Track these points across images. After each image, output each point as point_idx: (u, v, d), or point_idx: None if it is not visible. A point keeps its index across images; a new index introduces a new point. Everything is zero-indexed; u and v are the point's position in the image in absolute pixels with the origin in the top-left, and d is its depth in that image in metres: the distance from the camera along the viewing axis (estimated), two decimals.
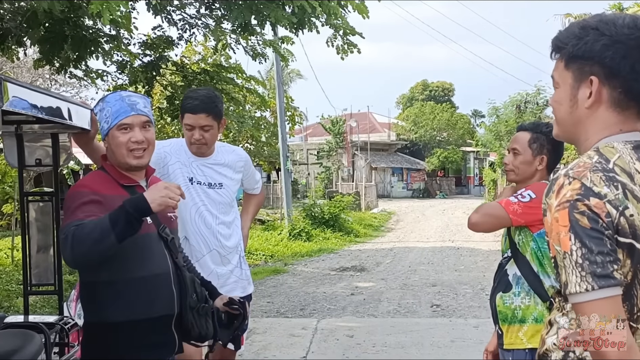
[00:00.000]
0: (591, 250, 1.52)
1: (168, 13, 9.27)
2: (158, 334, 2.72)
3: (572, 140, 1.81)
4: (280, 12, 7.74)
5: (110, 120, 2.72)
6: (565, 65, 1.72)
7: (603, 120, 1.69)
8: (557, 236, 1.58)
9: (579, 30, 1.69)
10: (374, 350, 6.82)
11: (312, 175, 41.06)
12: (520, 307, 3.05)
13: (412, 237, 20.72)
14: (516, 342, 3.06)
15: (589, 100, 1.68)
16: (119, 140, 2.71)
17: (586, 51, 1.66)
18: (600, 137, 1.70)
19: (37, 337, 2.93)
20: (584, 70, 1.67)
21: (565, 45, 1.72)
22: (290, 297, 10.19)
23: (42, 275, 3.63)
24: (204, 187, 3.70)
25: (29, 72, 20.17)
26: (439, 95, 61.35)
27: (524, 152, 3.17)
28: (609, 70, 1.64)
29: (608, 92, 1.66)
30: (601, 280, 1.51)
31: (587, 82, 1.67)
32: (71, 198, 2.58)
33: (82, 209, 2.51)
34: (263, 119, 25.05)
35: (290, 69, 40.79)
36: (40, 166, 3.57)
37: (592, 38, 1.65)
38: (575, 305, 1.58)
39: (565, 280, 1.57)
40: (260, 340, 7.20)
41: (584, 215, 1.54)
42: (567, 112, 1.75)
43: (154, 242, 2.71)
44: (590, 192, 1.56)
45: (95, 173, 2.83)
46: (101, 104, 2.79)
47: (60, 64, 8.72)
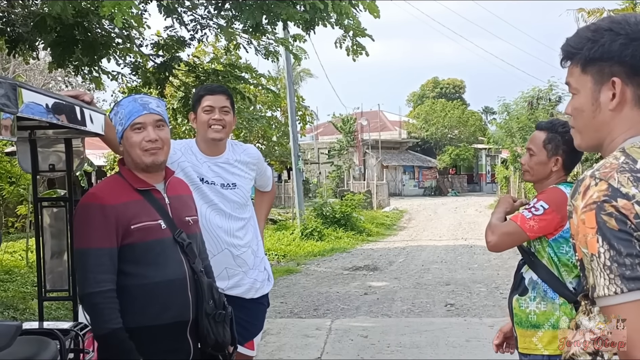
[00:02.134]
0: (620, 253, 1.48)
1: (179, 14, 9.26)
2: (172, 340, 2.70)
3: (595, 147, 1.77)
4: (292, 9, 7.71)
5: (124, 122, 2.76)
6: (582, 69, 1.69)
7: (629, 120, 1.66)
8: (584, 238, 1.54)
9: (591, 34, 1.67)
10: (388, 351, 6.80)
11: (324, 174, 40.99)
12: (535, 312, 3.01)
13: (424, 235, 20.66)
14: (530, 348, 3.02)
15: (612, 102, 1.65)
16: (133, 140, 2.74)
17: (604, 52, 1.63)
18: (626, 137, 1.66)
19: (52, 343, 2.92)
20: (604, 72, 1.64)
21: (578, 50, 1.69)
22: (303, 297, 10.18)
23: (57, 280, 3.63)
24: (216, 187, 3.65)
25: (42, 75, 20.27)
26: (449, 93, 61.14)
27: (539, 152, 3.11)
28: (630, 69, 1.61)
29: (632, 91, 1.63)
30: (631, 282, 1.47)
31: (608, 84, 1.64)
32: (83, 211, 2.65)
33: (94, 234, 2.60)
34: (274, 118, 25.09)
35: (300, 68, 40.81)
36: (54, 171, 3.56)
37: (609, 39, 1.62)
38: (604, 309, 1.54)
39: (593, 283, 1.53)
40: (275, 341, 7.20)
41: (612, 216, 1.50)
42: (590, 118, 1.71)
43: (168, 247, 2.69)
44: (617, 193, 1.52)
45: (110, 178, 2.87)
46: (116, 108, 2.83)
47: (74, 65, 8.76)
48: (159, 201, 2.77)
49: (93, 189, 2.76)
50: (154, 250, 2.65)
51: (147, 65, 10.08)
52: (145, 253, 2.63)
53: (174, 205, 2.81)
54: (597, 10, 14.08)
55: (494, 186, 47.15)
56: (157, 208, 2.73)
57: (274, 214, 23.44)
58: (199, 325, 2.73)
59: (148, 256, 2.63)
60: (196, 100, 3.74)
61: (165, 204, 2.78)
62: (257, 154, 3.98)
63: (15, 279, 10.29)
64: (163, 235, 2.68)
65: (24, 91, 2.34)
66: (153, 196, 2.76)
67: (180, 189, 2.95)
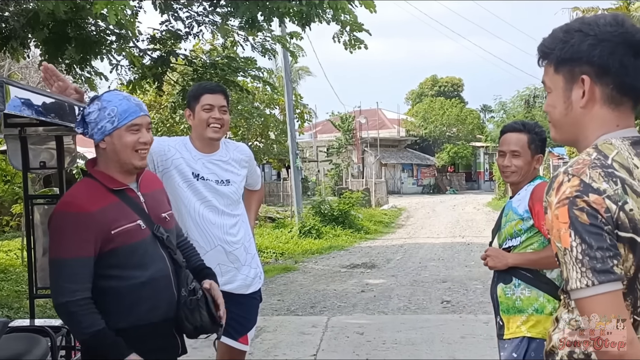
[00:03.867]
0: (591, 246, 1.54)
1: (174, 11, 9.24)
2: (161, 337, 2.70)
3: (570, 142, 1.84)
4: (287, 4, 7.71)
5: (118, 120, 2.63)
6: (555, 69, 1.76)
7: (599, 117, 1.72)
8: (558, 233, 1.59)
9: (563, 34, 1.74)
10: (384, 348, 6.79)
11: (322, 172, 40.98)
12: (520, 298, 3.14)
13: (422, 233, 20.65)
14: (516, 332, 3.14)
15: (582, 100, 1.71)
16: (127, 140, 2.65)
17: (574, 53, 1.70)
18: (598, 134, 1.72)
19: (43, 340, 2.92)
20: (574, 71, 1.71)
21: (552, 51, 1.76)
22: (300, 294, 10.17)
23: (48, 278, 3.62)
24: (210, 183, 3.67)
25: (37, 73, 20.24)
26: (448, 91, 61.07)
27: (524, 153, 3.24)
28: (599, 68, 1.68)
29: (600, 90, 1.70)
30: (601, 275, 1.53)
31: (578, 83, 1.71)
32: (58, 220, 2.58)
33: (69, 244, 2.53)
34: (272, 116, 25.08)
35: (298, 67, 40.80)
36: (45, 169, 3.56)
37: (578, 40, 1.69)
38: (577, 301, 1.59)
39: (566, 276, 1.58)
40: (271, 339, 7.19)
41: (583, 211, 1.56)
42: (562, 115, 1.78)
43: (150, 246, 2.68)
44: (589, 188, 1.58)
45: (82, 183, 2.75)
46: (99, 103, 2.67)
47: (67, 64, 8.73)
48: (134, 200, 2.73)
49: (68, 196, 2.68)
50: (137, 252, 2.63)
51: (144, 60, 10.05)
52: (129, 256, 2.61)
53: (149, 203, 2.78)
54: (591, 9, 14.15)
55: (492, 184, 47.19)
56: (134, 208, 2.69)
57: (272, 212, 23.44)
58: (177, 316, 2.71)
59: (132, 258, 2.61)
60: (194, 98, 3.74)
61: (141, 202, 2.74)
62: (249, 151, 4.02)
63: (10, 277, 10.29)
64: (143, 236, 2.66)
65: (13, 88, 2.34)
66: (128, 195, 2.71)
67: (152, 185, 2.91)
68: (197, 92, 3.78)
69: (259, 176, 4.24)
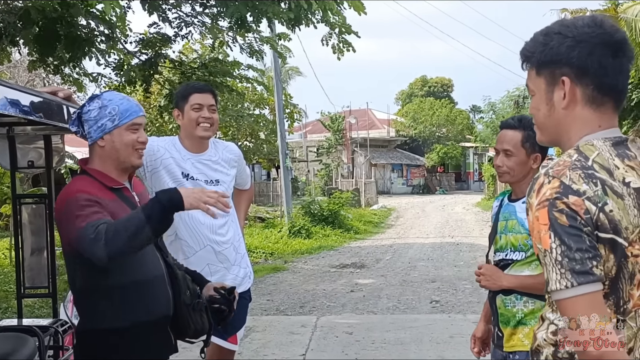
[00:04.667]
0: (570, 248, 1.55)
1: (163, 11, 9.23)
2: (158, 336, 2.71)
3: (555, 143, 1.88)
4: (276, 7, 7.72)
5: (119, 119, 2.66)
6: (536, 72, 1.79)
7: (581, 118, 1.74)
8: (539, 234, 1.61)
9: (543, 37, 1.76)
10: (373, 347, 6.82)
11: (312, 172, 41.02)
12: (522, 311, 2.98)
13: (411, 233, 20.70)
14: (517, 345, 2.99)
15: (564, 101, 1.73)
16: (127, 139, 2.68)
17: (553, 55, 1.72)
18: (581, 135, 1.74)
19: (30, 340, 2.91)
20: (555, 73, 1.73)
21: (533, 54, 1.78)
22: (289, 294, 10.18)
23: (36, 278, 3.60)
24: (200, 183, 3.66)
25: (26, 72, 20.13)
26: (438, 91, 61.25)
27: (518, 152, 3.02)
28: (578, 70, 1.70)
29: (581, 91, 1.71)
30: (580, 276, 1.54)
31: (559, 85, 1.73)
32: (71, 203, 2.53)
33: (89, 210, 2.48)
34: (262, 116, 25.05)
35: (288, 67, 40.76)
36: (33, 168, 3.55)
37: (557, 42, 1.72)
38: (558, 302, 1.60)
39: (547, 277, 1.60)
40: (260, 339, 7.20)
41: (563, 213, 1.57)
42: (545, 116, 1.80)
43: None
44: (569, 190, 1.59)
45: (81, 179, 2.71)
46: (99, 102, 2.68)
47: (55, 64, 8.70)
48: (130, 199, 2.75)
49: (72, 186, 2.64)
50: None
51: (132, 62, 10.03)
52: None
53: (142, 202, 2.78)
54: (579, 10, 14.21)
55: (481, 184, 47.30)
56: (130, 206, 2.69)
57: (261, 212, 23.41)
58: (179, 316, 2.72)
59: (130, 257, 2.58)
60: (182, 98, 3.74)
61: (136, 202, 2.76)
62: (238, 151, 4.02)
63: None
64: None
65: (1, 87, 2.34)
66: (124, 194, 2.73)
67: (140, 186, 2.96)
68: (185, 91, 3.78)
69: (248, 176, 4.25)
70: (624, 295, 1.64)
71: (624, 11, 14.51)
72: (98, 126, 2.66)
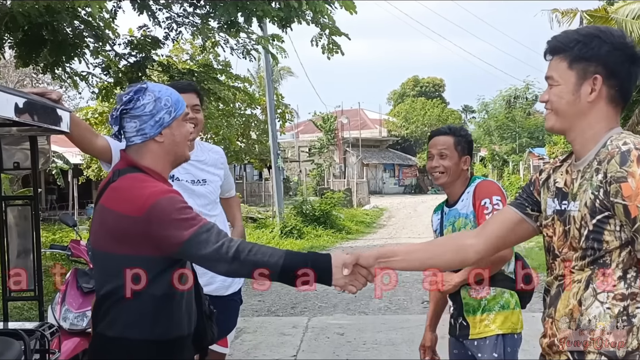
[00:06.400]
0: None
1: (153, 12, 9.18)
2: (190, 348, 2.55)
3: (568, 130, 2.07)
4: (266, 6, 7.70)
5: (174, 110, 2.42)
6: (569, 65, 2.02)
7: (603, 112, 2.02)
8: None
9: (582, 37, 2.01)
10: (364, 348, 6.81)
11: (304, 172, 41.00)
12: (486, 298, 3.20)
13: (403, 233, 20.71)
14: (485, 331, 3.20)
15: (592, 95, 1.99)
16: (185, 129, 2.47)
17: (592, 55, 1.98)
18: (607, 127, 2.01)
19: (16, 344, 2.88)
20: (589, 70, 1.99)
21: (568, 48, 2.02)
22: (281, 295, 10.16)
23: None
24: (185, 184, 3.61)
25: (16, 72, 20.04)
26: (429, 91, 61.30)
27: (452, 153, 3.29)
28: (610, 72, 1.98)
29: (606, 90, 2.00)
30: None
31: (589, 81, 1.99)
32: (171, 204, 2.29)
33: (190, 212, 2.30)
34: (253, 116, 25.03)
35: (280, 67, 40.78)
36: (19, 169, 3.52)
37: (597, 44, 1.98)
38: None
39: None
40: (251, 340, 7.18)
41: None
42: (569, 105, 2.03)
43: None
44: None
45: (146, 177, 2.40)
46: (152, 94, 2.40)
47: (44, 64, 8.65)
48: None
49: (155, 186, 2.34)
50: None
51: (120, 65, 9.98)
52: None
53: None
54: (570, 11, 14.28)
55: None
56: None
57: (253, 212, 23.39)
58: (200, 328, 2.57)
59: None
60: None
61: None
62: (222, 152, 4.00)
63: None
64: None
65: None
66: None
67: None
68: None
69: (232, 183, 4.21)
70: None
71: (615, 11, 14.59)
72: (156, 120, 2.39)
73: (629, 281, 1.92)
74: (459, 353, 3.38)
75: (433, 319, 3.59)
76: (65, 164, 22.76)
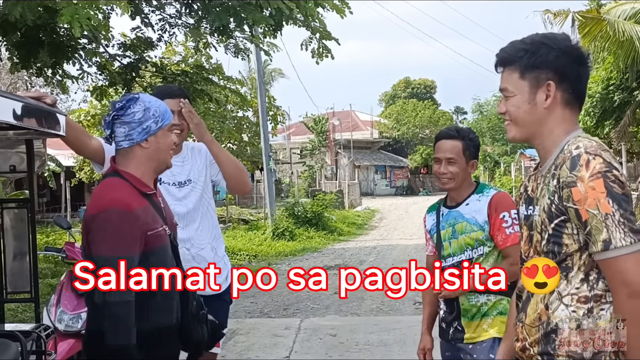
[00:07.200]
0: (626, 210, 1.86)
1: (146, 15, 9.21)
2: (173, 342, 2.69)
3: (531, 138, 2.12)
4: (258, 14, 7.73)
5: (161, 120, 2.64)
6: (520, 75, 2.06)
7: (561, 116, 2.06)
8: (596, 201, 1.86)
9: (528, 45, 2.06)
10: (356, 349, 6.85)
11: (296, 174, 41.01)
12: (486, 304, 3.18)
13: (395, 234, 20.77)
14: (481, 335, 3.18)
15: (547, 102, 2.04)
16: (169, 140, 2.70)
17: (542, 62, 2.03)
18: (565, 130, 2.05)
19: (13, 345, 2.91)
20: (541, 77, 2.03)
21: (517, 58, 2.06)
22: (273, 297, 10.18)
23: (18, 282, 3.59)
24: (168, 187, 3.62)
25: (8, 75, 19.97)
26: (421, 93, 61.39)
27: (460, 159, 3.24)
28: (561, 76, 2.02)
29: (561, 94, 2.04)
30: (637, 234, 1.85)
31: (543, 87, 2.03)
32: (107, 216, 2.47)
33: (122, 242, 2.46)
34: (245, 118, 25.03)
35: (271, 68, 40.79)
36: (15, 172, 3.54)
37: (545, 51, 2.03)
38: (617, 259, 1.85)
39: (606, 237, 1.85)
40: (244, 341, 7.21)
41: (615, 183, 1.87)
42: (527, 113, 2.07)
43: (169, 251, 2.68)
44: (611, 165, 1.90)
45: (117, 182, 2.61)
46: (142, 103, 2.63)
47: (37, 67, 8.66)
48: (158, 205, 2.71)
49: (116, 193, 2.55)
50: (162, 256, 2.61)
51: (114, 66, 10.00)
52: (156, 260, 2.57)
53: (165, 208, 2.78)
54: (562, 11, 14.29)
55: None
56: (159, 212, 2.67)
57: (245, 214, 23.39)
58: (186, 326, 2.70)
59: (159, 263, 2.57)
60: None
61: (162, 208, 2.74)
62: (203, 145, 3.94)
63: None
64: (167, 241, 2.66)
65: None
66: (154, 200, 2.69)
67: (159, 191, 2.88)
68: (158, 96, 3.72)
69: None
70: None
71: (607, 12, 14.61)
72: (143, 128, 2.61)
73: (591, 283, 1.94)
74: (451, 355, 3.35)
75: (429, 321, 3.56)
76: (57, 167, 22.71)
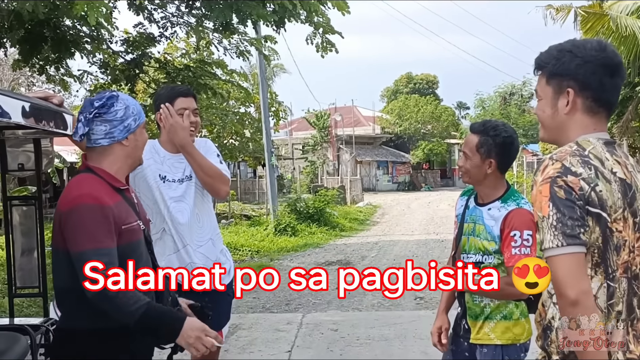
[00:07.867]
0: (564, 215, 1.95)
1: (149, 12, 9.26)
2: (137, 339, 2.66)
3: (555, 141, 2.24)
4: (261, 10, 7.79)
5: (138, 118, 2.73)
6: (546, 81, 2.18)
7: (580, 122, 2.15)
8: (540, 204, 2.00)
9: (557, 53, 2.16)
10: (358, 344, 6.91)
11: (298, 170, 41.03)
12: (489, 305, 3.16)
13: (397, 230, 20.81)
14: (483, 338, 3.17)
15: (566, 108, 2.14)
16: (145, 137, 2.83)
17: (564, 70, 2.13)
18: (579, 134, 2.14)
19: (22, 339, 2.98)
20: (562, 84, 2.14)
21: (546, 65, 2.18)
22: (275, 292, 10.20)
23: (27, 277, 3.67)
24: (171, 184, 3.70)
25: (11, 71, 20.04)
26: (423, 88, 61.25)
27: (473, 156, 3.17)
28: (582, 84, 2.11)
29: (581, 101, 2.13)
30: (569, 238, 1.95)
31: (564, 94, 2.14)
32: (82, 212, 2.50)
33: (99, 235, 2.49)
34: (247, 114, 25.05)
35: (274, 64, 40.73)
36: (23, 170, 3.61)
37: (568, 59, 2.12)
38: (548, 259, 1.98)
39: (542, 238, 1.99)
40: (246, 336, 7.27)
41: (561, 188, 1.98)
42: (550, 118, 2.20)
43: (143, 246, 2.73)
44: (568, 171, 2.00)
45: (90, 178, 2.64)
46: (122, 102, 2.69)
47: (40, 64, 8.72)
48: (131, 200, 2.77)
49: (85, 188, 2.58)
50: (136, 251, 2.66)
51: (117, 62, 10.05)
52: (132, 254, 2.61)
53: (139, 203, 2.85)
54: (564, 7, 14.25)
55: None
56: (132, 207, 2.73)
57: (247, 210, 23.44)
58: None
59: (134, 257, 2.61)
60: (168, 101, 3.75)
61: (135, 203, 2.80)
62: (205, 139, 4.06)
63: None
64: (141, 236, 2.71)
65: None
66: (127, 196, 2.75)
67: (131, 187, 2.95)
68: (170, 95, 3.78)
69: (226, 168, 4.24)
70: (611, 264, 2.05)
71: (609, 7, 14.57)
72: (124, 126, 2.68)
73: None
74: (456, 350, 3.35)
75: (448, 302, 3.47)
76: (61, 163, 22.78)
